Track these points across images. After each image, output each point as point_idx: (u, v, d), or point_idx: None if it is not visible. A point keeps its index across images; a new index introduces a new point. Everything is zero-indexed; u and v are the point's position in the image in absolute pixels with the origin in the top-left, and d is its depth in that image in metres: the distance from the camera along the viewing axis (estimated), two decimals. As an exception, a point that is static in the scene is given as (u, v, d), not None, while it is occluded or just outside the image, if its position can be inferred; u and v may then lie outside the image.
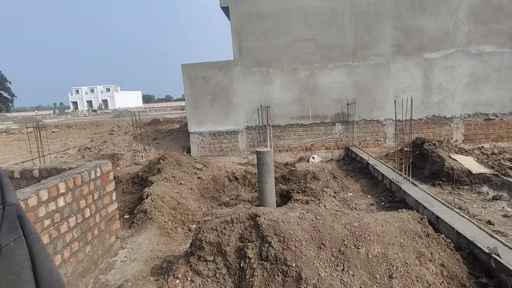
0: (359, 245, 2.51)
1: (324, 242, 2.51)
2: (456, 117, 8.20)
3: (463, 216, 3.54)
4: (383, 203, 5.00)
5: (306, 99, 8.45)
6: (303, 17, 8.14)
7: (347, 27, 8.09)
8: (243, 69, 8.47)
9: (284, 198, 5.73)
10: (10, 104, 55.43)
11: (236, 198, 5.87)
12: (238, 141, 8.78)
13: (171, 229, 4.33)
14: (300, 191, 5.52)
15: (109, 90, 73.07)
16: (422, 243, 2.68)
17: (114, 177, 6.85)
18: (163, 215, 4.52)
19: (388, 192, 5.29)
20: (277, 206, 5.68)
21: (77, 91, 74.81)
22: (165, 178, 5.52)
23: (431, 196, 4.27)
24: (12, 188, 1.34)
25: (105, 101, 69.14)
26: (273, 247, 2.50)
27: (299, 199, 5.18)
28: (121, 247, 3.83)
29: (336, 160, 8.42)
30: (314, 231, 2.60)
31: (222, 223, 2.82)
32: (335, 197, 5.34)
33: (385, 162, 7.37)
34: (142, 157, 9.09)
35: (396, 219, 2.81)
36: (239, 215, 2.84)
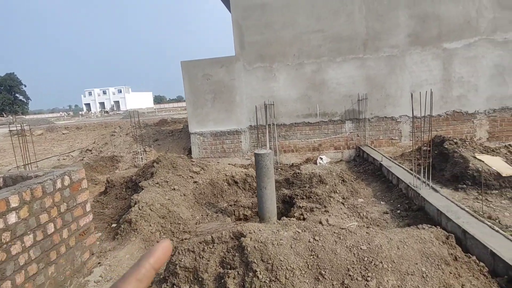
0: (368, 276, 1.96)
1: (323, 272, 1.98)
2: (479, 112, 7.45)
3: (497, 231, 2.93)
4: (398, 211, 4.40)
5: (313, 95, 7.87)
6: (310, 7, 7.56)
7: (357, 16, 7.46)
8: (245, 65, 7.97)
9: (287, 205, 5.21)
10: (26, 107, 56.62)
11: (235, 204, 5.38)
12: (241, 142, 8.29)
13: (157, 242, 3.87)
14: (305, 196, 4.97)
15: (120, 91, 73.82)
16: (450, 272, 2.11)
17: (107, 181, 6.50)
18: (150, 225, 4.07)
19: (404, 199, 4.68)
20: (279, 213, 5.17)
21: (90, 93, 76.03)
22: (157, 183, 5.08)
23: (456, 204, 3.65)
24: None
25: (117, 103, 69.90)
26: (258, 277, 1.99)
27: (303, 206, 4.65)
28: (99, 263, 3.40)
29: (346, 161, 7.81)
30: (311, 257, 2.07)
31: (201, 243, 2.32)
32: (343, 203, 4.77)
33: (400, 162, 6.73)
34: (141, 159, 8.73)
35: (416, 240, 2.25)
36: (222, 234, 2.34)
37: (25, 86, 55.06)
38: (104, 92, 75.29)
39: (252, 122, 8.19)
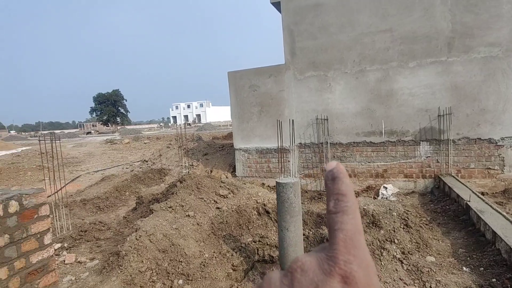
0: None
1: None
2: None
3: None
4: (492, 290, 2.80)
5: (377, 109, 6.40)
6: (374, 3, 6.24)
7: (438, 9, 5.83)
8: (296, 74, 7.00)
9: (323, 250, 3.98)
10: (125, 119, 65.57)
11: (260, 241, 4.39)
12: (288, 161, 7.26)
13: (141, 287, 3.16)
14: (347, 243, 3.69)
15: (202, 105, 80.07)
16: None
17: (138, 197, 6.22)
18: (142, 261, 3.41)
19: (505, 268, 3.02)
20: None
21: (177, 107, 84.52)
22: (170, 206, 4.46)
23: None
24: None
25: (198, 116, 75.85)
26: None
27: (340, 259, 3.39)
28: (66, 306, 2.83)
29: (421, 193, 6.04)
30: None
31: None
32: (402, 262, 3.35)
33: (501, 204, 4.79)
34: (188, 173, 8.43)
35: None
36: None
37: (126, 100, 63.89)
38: (189, 106, 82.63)
39: (302, 139, 7.11)
